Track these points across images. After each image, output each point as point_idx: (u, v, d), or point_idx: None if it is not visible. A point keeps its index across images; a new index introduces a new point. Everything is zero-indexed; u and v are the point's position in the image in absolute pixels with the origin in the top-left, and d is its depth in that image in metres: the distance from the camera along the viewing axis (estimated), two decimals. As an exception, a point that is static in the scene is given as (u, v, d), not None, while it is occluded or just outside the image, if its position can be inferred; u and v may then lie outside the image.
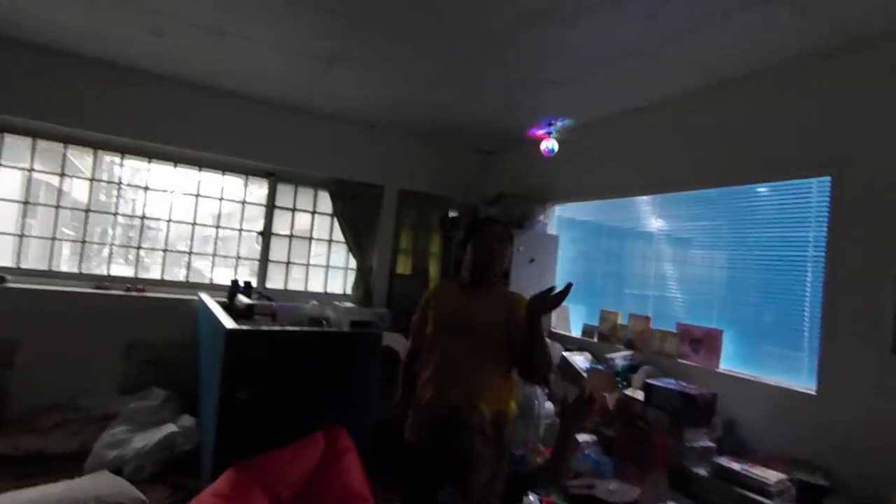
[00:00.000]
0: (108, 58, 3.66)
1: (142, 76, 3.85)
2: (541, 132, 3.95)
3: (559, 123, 3.75)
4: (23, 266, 3.83)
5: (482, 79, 3.38)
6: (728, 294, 3.05)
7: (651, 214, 3.61)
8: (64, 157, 3.98)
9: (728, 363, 2.90)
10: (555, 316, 4.05)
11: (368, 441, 2.61)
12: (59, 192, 4.03)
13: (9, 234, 3.83)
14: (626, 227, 3.85)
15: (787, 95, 2.74)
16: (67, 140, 3.92)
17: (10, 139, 3.77)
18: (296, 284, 4.74)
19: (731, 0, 2.23)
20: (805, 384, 2.55)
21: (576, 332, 3.92)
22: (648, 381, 2.81)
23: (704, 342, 2.96)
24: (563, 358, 3.51)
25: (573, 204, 4.26)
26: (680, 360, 3.05)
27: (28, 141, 3.83)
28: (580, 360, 3.50)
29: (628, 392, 2.94)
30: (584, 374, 3.35)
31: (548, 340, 3.58)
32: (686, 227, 3.39)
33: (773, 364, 2.74)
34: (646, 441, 2.60)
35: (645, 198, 3.62)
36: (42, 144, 3.88)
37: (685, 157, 3.26)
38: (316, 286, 4.82)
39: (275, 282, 4.64)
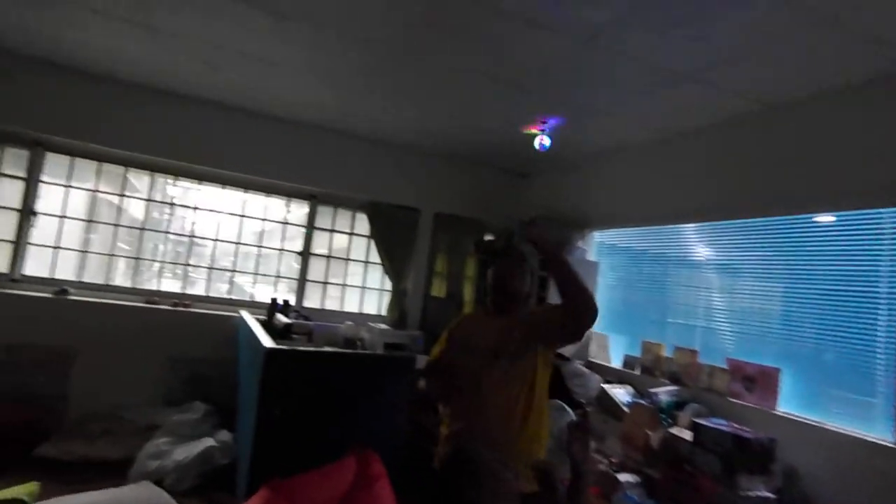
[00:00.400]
0: (168, 87, 3.88)
1: (196, 103, 4.06)
2: (535, 127, 3.74)
3: (553, 122, 3.62)
4: (84, 279, 4.05)
5: (517, 104, 3.38)
6: (784, 329, 2.87)
7: (697, 242, 3.47)
8: (124, 178, 4.22)
9: (787, 405, 2.68)
10: (594, 345, 3.93)
11: (399, 467, 2.57)
12: (119, 210, 4.27)
13: (73, 249, 4.07)
14: (670, 255, 3.71)
15: (852, 119, 2.58)
16: (128, 163, 4.16)
17: (79, 162, 4.04)
18: (332, 304, 4.80)
19: (788, 22, 2.14)
20: (879, 433, 2.32)
21: (616, 364, 3.77)
22: (697, 420, 2.65)
23: (759, 381, 2.77)
24: (603, 390, 3.38)
25: (613, 230, 4.15)
26: (731, 399, 2.87)
27: (94, 164, 4.09)
28: (621, 394, 3.36)
29: (674, 430, 2.78)
30: (626, 409, 3.20)
31: (585, 370, 3.49)
32: (736, 256, 3.23)
33: (840, 409, 2.51)
34: (693, 485, 2.44)
35: (690, 225, 3.48)
36: (106, 167, 4.13)
37: (735, 184, 3.12)
38: (352, 306, 4.86)
39: (312, 300, 4.71)
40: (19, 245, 3.85)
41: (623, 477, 2.81)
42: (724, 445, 2.45)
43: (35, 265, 3.93)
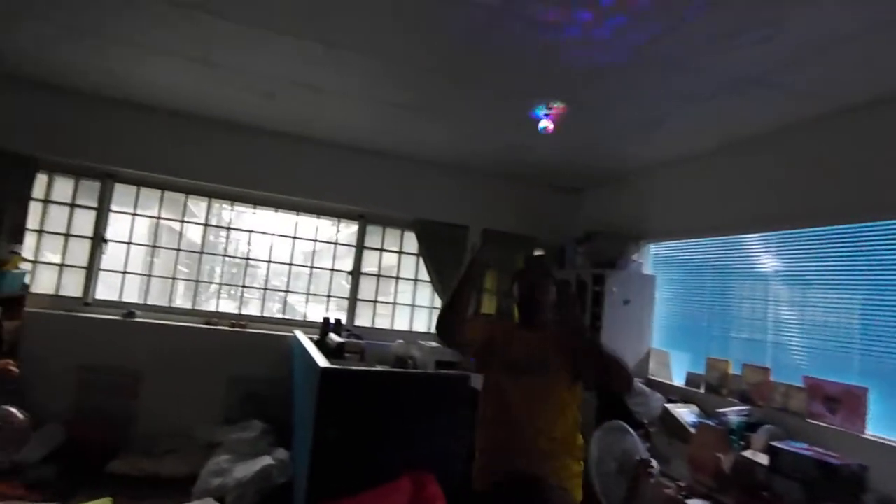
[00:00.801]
0: (225, 117, 4.06)
1: (250, 131, 4.22)
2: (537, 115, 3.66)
3: (554, 108, 3.50)
4: (148, 302, 4.26)
5: (568, 120, 3.31)
6: (867, 345, 2.64)
7: (762, 252, 3.28)
8: (185, 205, 4.44)
9: (878, 428, 2.45)
10: (654, 362, 3.76)
11: (458, 489, 2.52)
12: (180, 236, 4.48)
13: (138, 273, 4.29)
14: (732, 266, 3.52)
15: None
16: (188, 190, 4.37)
17: (143, 191, 4.28)
18: (382, 322, 4.83)
19: (858, 23, 2.01)
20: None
21: (678, 381, 3.60)
22: (774, 443, 2.47)
23: (843, 401, 2.54)
24: (666, 410, 3.22)
25: (671, 242, 3.99)
26: (811, 421, 2.66)
27: (157, 192, 4.32)
28: (685, 413, 3.19)
29: (747, 454, 2.60)
30: (692, 430, 3.03)
31: (645, 388, 3.33)
32: (807, 266, 3.02)
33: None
34: (771, 514, 2.27)
35: (754, 235, 3.30)
36: (168, 195, 4.36)
37: (805, 191, 2.93)
38: (402, 324, 4.88)
39: (363, 319, 4.76)
40: (91, 270, 4.10)
41: (692, 503, 2.64)
42: (807, 472, 2.27)
43: (104, 289, 4.17)
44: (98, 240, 4.12)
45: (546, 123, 3.68)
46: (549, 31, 2.31)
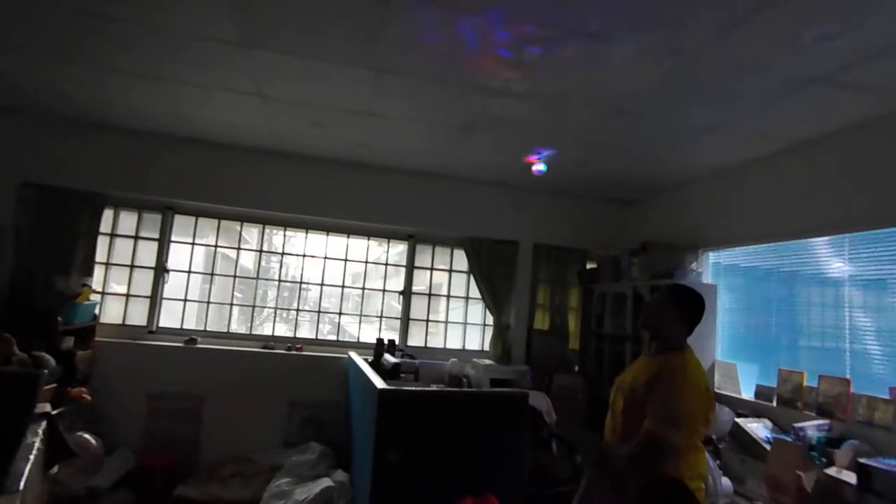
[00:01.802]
0: (277, 147, 4.20)
1: (301, 159, 4.35)
2: (532, 157, 3.97)
3: (546, 153, 3.83)
4: (207, 328, 4.41)
5: (620, 131, 3.28)
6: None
7: (834, 256, 3.10)
8: (240, 233, 4.60)
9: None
10: (719, 374, 3.59)
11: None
12: (236, 262, 4.64)
13: (198, 301, 4.46)
14: (800, 272, 3.35)
15: None
16: (242, 218, 4.54)
17: (201, 221, 4.47)
18: (435, 341, 4.83)
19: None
20: None
21: (747, 395, 3.42)
22: (863, 461, 2.30)
23: (937, 413, 2.37)
24: (737, 425, 3.06)
25: (732, 249, 3.83)
26: (902, 436, 2.47)
27: (213, 222, 4.50)
28: (758, 428, 3.02)
29: (831, 472, 2.43)
30: (766, 446, 2.87)
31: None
32: (887, 269, 2.83)
33: None
34: (866, 538, 2.10)
35: (824, 238, 3.13)
36: (224, 223, 4.53)
37: (880, 190, 2.76)
38: (454, 343, 4.86)
39: (415, 339, 4.77)
40: (155, 299, 4.29)
41: (772, 526, 2.49)
42: (906, 492, 2.09)
43: (167, 317, 4.34)
44: (160, 270, 4.31)
45: (540, 167, 4.08)
46: (598, 41, 2.28)
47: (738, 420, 3.08)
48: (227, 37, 2.50)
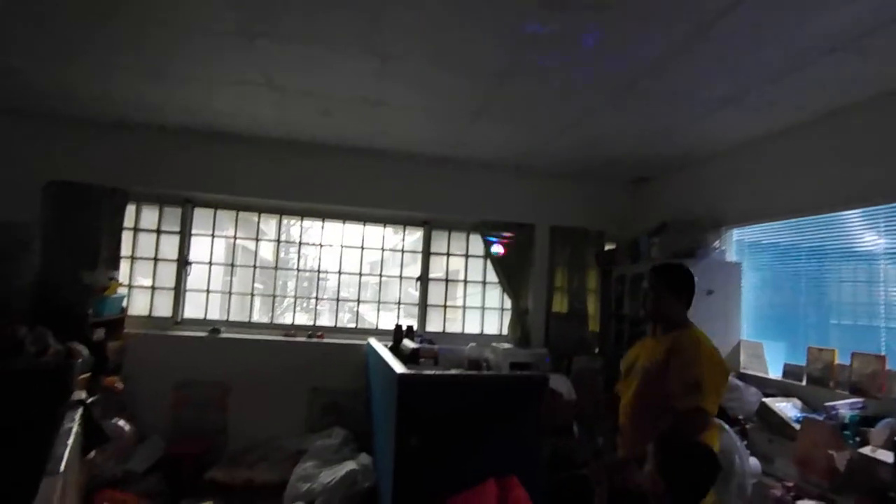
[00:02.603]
0: (290, 137, 4.22)
1: (314, 148, 4.35)
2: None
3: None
4: (230, 319, 4.49)
5: (633, 109, 3.20)
6: None
7: (866, 230, 2.98)
8: (258, 224, 4.65)
9: None
10: (745, 354, 3.51)
11: (541, 491, 2.46)
12: (255, 254, 4.70)
13: (220, 291, 4.54)
14: (830, 247, 3.23)
15: None
16: (260, 209, 4.59)
17: (220, 213, 4.54)
18: (453, 326, 4.83)
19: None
20: None
21: (774, 374, 3.33)
22: (898, 438, 2.23)
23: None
24: (764, 405, 2.99)
25: (756, 226, 3.71)
26: (938, 413, 2.38)
27: (232, 213, 4.56)
28: (787, 408, 2.95)
29: (865, 451, 2.36)
30: (795, 425, 2.80)
31: (738, 382, 3.12)
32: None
33: None
34: (902, 517, 2.04)
35: (855, 211, 3.01)
36: (242, 215, 4.59)
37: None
38: (472, 328, 4.86)
39: (433, 324, 4.78)
40: (179, 291, 4.37)
41: (802, 505, 2.44)
42: (943, 469, 2.02)
43: (191, 308, 4.44)
44: (182, 262, 4.39)
45: (498, 249, 4.46)
46: (610, 17, 2.21)
47: (766, 400, 3.00)
48: (230, 28, 2.49)
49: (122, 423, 3.52)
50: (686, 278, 2.17)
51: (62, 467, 2.00)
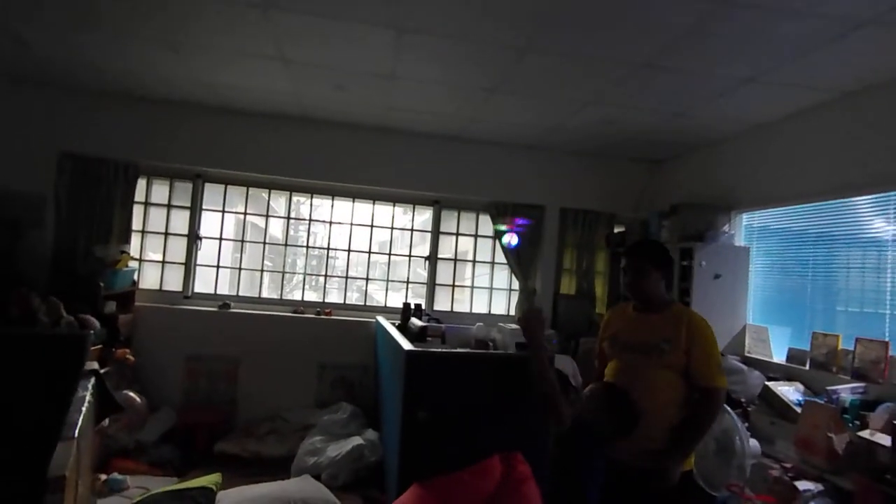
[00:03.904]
0: (301, 113, 4.21)
1: (325, 124, 4.36)
2: (509, 225, 4.63)
3: (522, 223, 4.60)
4: (239, 294, 4.54)
5: (649, 87, 3.17)
6: None
7: (878, 215, 2.97)
8: (268, 202, 4.67)
9: None
10: (750, 338, 3.54)
11: (546, 468, 2.51)
12: (266, 231, 4.74)
13: (230, 267, 4.59)
14: (838, 233, 3.22)
15: None
16: (270, 186, 4.60)
17: (230, 190, 4.55)
18: (461, 306, 4.87)
19: None
20: None
21: (779, 358, 3.36)
22: (898, 422, 2.25)
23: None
24: (767, 388, 3.02)
25: (766, 210, 3.70)
26: (939, 398, 2.40)
27: (242, 190, 4.58)
28: (789, 392, 2.98)
29: (864, 434, 2.39)
30: (797, 409, 2.83)
31: (742, 366, 3.14)
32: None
33: None
34: (899, 499, 2.07)
35: (866, 197, 2.99)
36: (252, 192, 4.60)
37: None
38: (480, 307, 4.90)
39: (441, 304, 4.82)
40: (189, 266, 4.42)
41: (802, 485, 2.48)
42: (942, 453, 2.05)
43: (201, 283, 4.49)
44: (193, 237, 4.43)
45: (510, 238, 4.50)
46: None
47: (769, 383, 3.04)
48: (247, -2, 2.48)
49: (133, 394, 3.60)
50: (667, 254, 2.21)
51: (76, 433, 2.06)
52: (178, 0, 2.55)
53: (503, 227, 4.61)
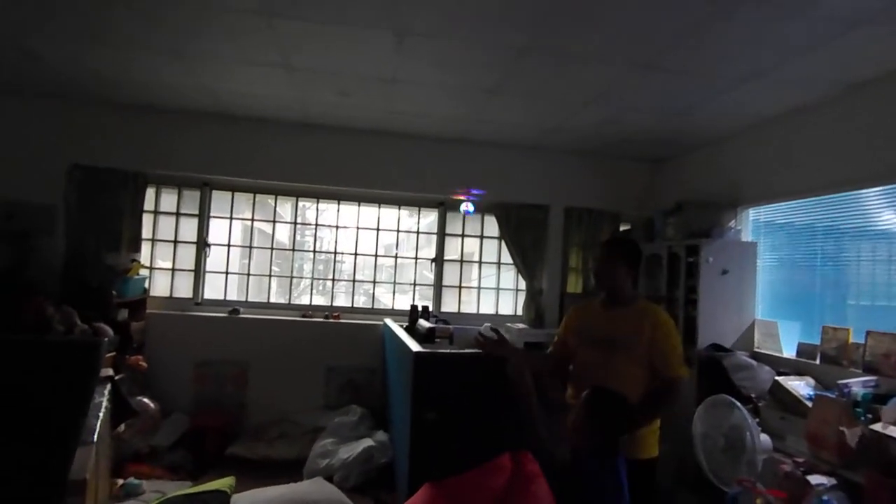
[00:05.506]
0: (305, 119, 4.25)
1: (329, 130, 4.39)
2: (461, 196, 4.63)
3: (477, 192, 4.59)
4: (248, 299, 4.59)
5: (652, 87, 3.17)
6: None
7: (887, 207, 2.94)
8: (274, 208, 4.71)
9: None
10: (759, 333, 3.52)
11: (554, 468, 2.51)
12: (273, 236, 4.78)
13: (238, 273, 4.64)
14: (847, 226, 3.20)
15: None
16: (276, 192, 4.64)
17: (237, 196, 4.60)
18: (468, 307, 4.89)
19: None
20: None
21: (788, 353, 3.34)
22: (910, 414, 2.24)
23: None
24: (777, 383, 3.00)
25: (773, 205, 3.68)
26: (952, 391, 2.38)
27: (249, 196, 4.63)
28: (800, 386, 2.96)
29: (877, 428, 2.38)
30: (807, 403, 2.81)
31: (751, 361, 3.13)
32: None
33: None
34: (913, 493, 2.06)
35: (875, 189, 2.97)
36: (259, 198, 4.65)
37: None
38: (487, 308, 4.91)
39: (448, 305, 4.84)
40: (199, 273, 4.47)
41: (814, 480, 2.46)
42: (955, 445, 2.03)
43: (210, 290, 4.54)
44: (202, 244, 4.48)
45: (467, 207, 4.55)
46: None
47: (779, 378, 3.02)
48: (249, 6, 2.50)
49: (146, 399, 3.64)
50: (637, 251, 2.29)
51: (95, 437, 2.10)
52: (184, 10, 2.58)
53: (461, 198, 4.67)
